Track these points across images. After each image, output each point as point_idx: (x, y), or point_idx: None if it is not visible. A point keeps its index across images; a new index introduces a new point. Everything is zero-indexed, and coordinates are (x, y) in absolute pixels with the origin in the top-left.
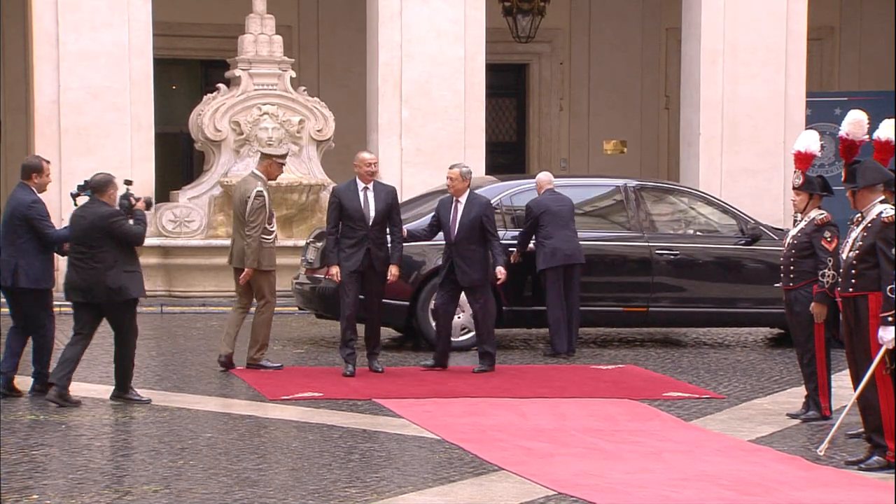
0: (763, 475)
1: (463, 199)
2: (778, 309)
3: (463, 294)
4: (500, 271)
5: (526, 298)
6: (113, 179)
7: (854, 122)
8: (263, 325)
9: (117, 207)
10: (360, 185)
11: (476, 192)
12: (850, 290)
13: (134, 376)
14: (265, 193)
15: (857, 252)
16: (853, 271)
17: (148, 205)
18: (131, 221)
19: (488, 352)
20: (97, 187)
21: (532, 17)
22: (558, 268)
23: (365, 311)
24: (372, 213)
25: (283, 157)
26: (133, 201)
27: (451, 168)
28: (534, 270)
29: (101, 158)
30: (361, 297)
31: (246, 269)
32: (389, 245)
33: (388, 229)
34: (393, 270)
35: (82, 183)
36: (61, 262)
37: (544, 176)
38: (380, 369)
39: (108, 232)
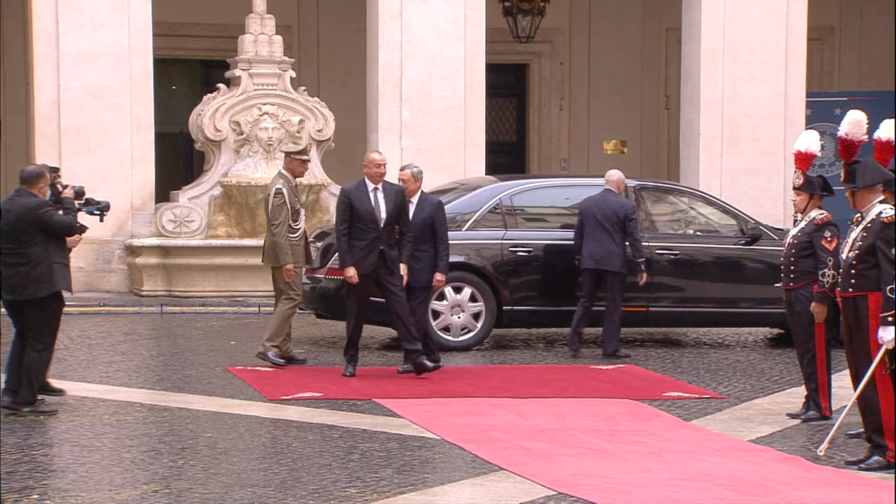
0: (763, 475)
1: (414, 200)
2: (778, 309)
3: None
4: (438, 278)
5: (527, 298)
6: (45, 172)
7: (853, 123)
8: (280, 317)
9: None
10: (370, 185)
11: (427, 192)
12: (850, 290)
13: (132, 377)
14: (284, 191)
15: (856, 252)
16: (853, 271)
17: (78, 194)
18: (61, 212)
19: (413, 350)
20: (28, 179)
21: (532, 17)
22: (587, 270)
23: (392, 312)
24: (383, 215)
25: (301, 152)
26: (60, 188)
27: (402, 169)
28: (537, 270)
29: (101, 158)
30: (378, 298)
31: (285, 267)
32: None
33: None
34: (403, 269)
35: (83, 201)
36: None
37: (608, 175)
38: (430, 366)
39: (37, 223)
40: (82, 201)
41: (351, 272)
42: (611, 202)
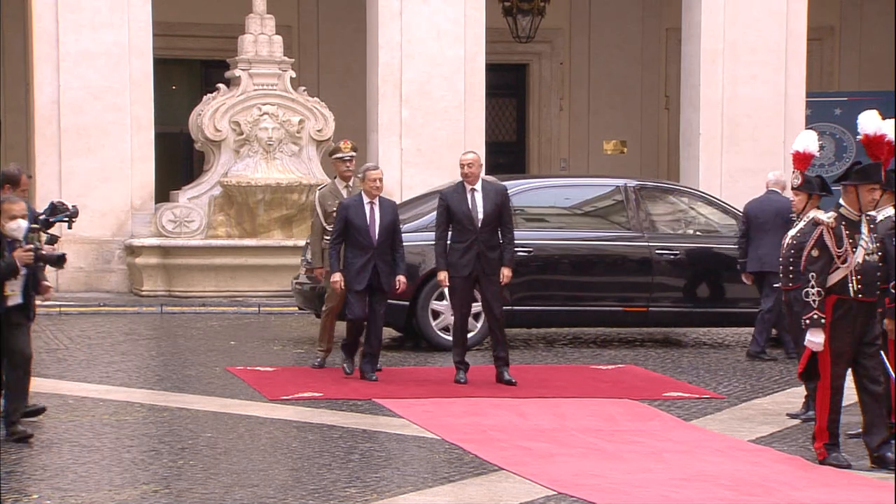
0: (763, 475)
1: (377, 202)
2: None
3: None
4: (401, 280)
5: (527, 298)
6: None
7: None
8: (320, 326)
9: None
10: (467, 186)
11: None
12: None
13: (132, 377)
14: (317, 195)
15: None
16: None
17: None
18: None
19: (376, 354)
20: None
21: (532, 17)
22: (754, 273)
23: (487, 318)
24: (480, 215)
25: (333, 152)
26: None
27: (374, 169)
28: (537, 270)
29: (101, 158)
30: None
31: (314, 271)
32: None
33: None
34: (505, 272)
35: (48, 207)
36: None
37: (770, 174)
38: (513, 381)
39: None
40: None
41: (442, 276)
42: (774, 202)
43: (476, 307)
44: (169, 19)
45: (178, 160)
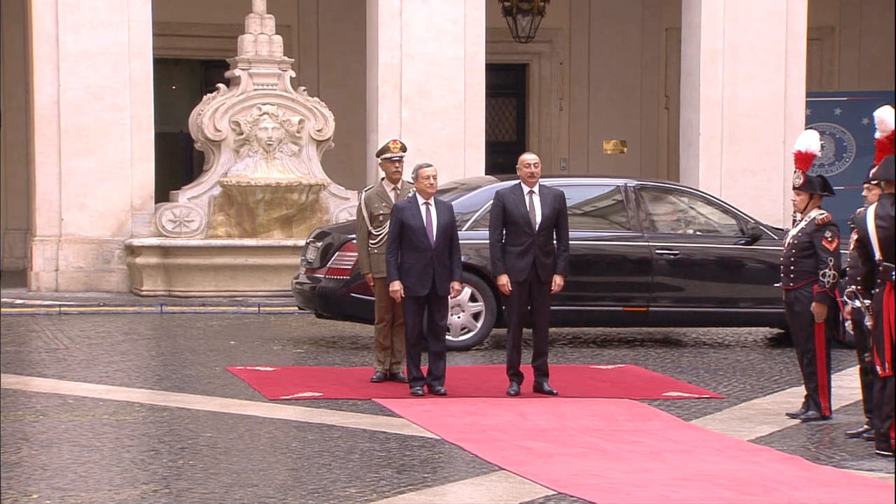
0: (763, 475)
1: (432, 202)
2: (778, 309)
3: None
4: (455, 287)
5: None
6: None
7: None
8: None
9: None
10: (525, 188)
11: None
12: None
13: (131, 376)
14: (362, 196)
15: None
16: None
17: None
18: None
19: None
20: None
21: (532, 16)
22: None
23: (532, 325)
24: (539, 219)
25: (381, 152)
26: None
27: (427, 167)
28: None
29: (100, 158)
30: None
31: (366, 277)
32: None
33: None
34: (557, 280)
35: None
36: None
37: None
38: (554, 391)
39: None
40: None
41: (503, 280)
42: None
43: (477, 307)
44: (169, 19)
45: (178, 160)
